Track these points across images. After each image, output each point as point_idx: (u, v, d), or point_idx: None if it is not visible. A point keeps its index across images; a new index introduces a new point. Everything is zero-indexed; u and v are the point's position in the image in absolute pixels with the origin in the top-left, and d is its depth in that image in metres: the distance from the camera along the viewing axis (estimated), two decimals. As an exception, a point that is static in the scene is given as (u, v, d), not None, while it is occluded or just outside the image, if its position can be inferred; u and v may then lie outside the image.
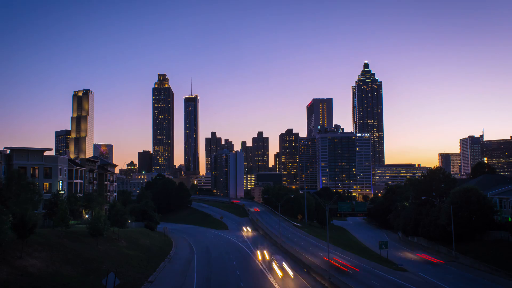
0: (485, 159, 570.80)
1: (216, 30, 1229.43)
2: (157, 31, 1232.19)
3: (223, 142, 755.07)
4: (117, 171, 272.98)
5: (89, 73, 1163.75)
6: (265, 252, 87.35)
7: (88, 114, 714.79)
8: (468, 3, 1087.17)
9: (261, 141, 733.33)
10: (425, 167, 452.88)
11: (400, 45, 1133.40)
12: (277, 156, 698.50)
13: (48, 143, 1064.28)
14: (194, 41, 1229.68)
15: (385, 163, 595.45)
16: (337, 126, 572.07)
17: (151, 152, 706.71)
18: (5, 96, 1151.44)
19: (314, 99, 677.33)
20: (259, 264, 78.04)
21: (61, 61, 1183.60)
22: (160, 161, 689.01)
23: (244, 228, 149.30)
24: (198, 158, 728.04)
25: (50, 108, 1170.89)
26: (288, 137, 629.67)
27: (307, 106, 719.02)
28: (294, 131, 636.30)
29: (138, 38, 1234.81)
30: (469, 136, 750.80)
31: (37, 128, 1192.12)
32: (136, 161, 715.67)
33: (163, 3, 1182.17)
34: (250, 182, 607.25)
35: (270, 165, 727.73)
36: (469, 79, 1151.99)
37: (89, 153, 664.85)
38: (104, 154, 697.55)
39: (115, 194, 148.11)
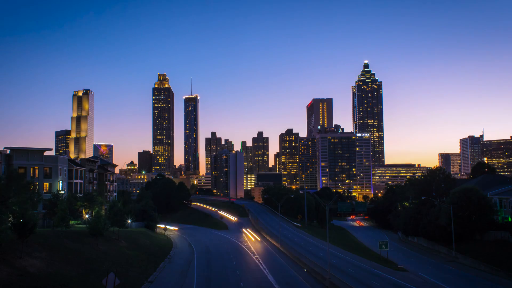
0: (485, 159, 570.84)
1: (216, 30, 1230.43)
2: (157, 31, 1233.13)
3: (223, 142, 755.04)
4: (117, 171, 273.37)
5: (89, 73, 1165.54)
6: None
7: (88, 114, 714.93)
8: (468, 3, 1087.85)
9: (261, 141, 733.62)
10: (425, 167, 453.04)
11: (400, 45, 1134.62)
12: (277, 156, 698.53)
13: (48, 143, 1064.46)
14: (194, 41, 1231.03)
15: (385, 163, 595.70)
16: (337, 126, 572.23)
17: (151, 152, 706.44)
18: (5, 96, 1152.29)
19: (314, 99, 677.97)
20: (259, 264, 78.03)
21: (61, 61, 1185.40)
22: (160, 161, 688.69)
23: (244, 228, 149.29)
24: (198, 158, 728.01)
25: (50, 108, 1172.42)
26: (288, 137, 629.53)
27: (307, 106, 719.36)
28: (294, 131, 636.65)
29: (138, 38, 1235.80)
30: (469, 136, 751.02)
31: (37, 128, 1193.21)
32: (136, 161, 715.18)
33: (163, 4, 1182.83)
34: (250, 182, 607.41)
35: (270, 165, 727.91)
36: (469, 79, 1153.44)
37: (89, 153, 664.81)
38: (104, 154, 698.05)
39: (115, 194, 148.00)
